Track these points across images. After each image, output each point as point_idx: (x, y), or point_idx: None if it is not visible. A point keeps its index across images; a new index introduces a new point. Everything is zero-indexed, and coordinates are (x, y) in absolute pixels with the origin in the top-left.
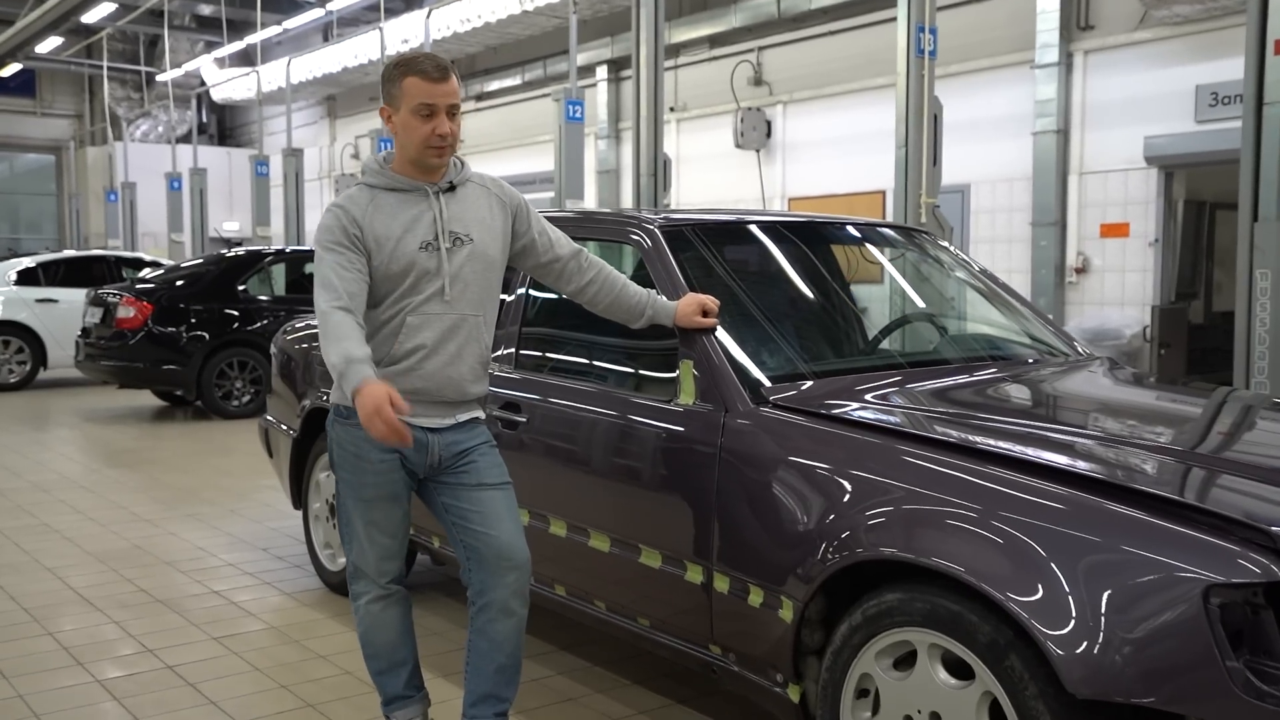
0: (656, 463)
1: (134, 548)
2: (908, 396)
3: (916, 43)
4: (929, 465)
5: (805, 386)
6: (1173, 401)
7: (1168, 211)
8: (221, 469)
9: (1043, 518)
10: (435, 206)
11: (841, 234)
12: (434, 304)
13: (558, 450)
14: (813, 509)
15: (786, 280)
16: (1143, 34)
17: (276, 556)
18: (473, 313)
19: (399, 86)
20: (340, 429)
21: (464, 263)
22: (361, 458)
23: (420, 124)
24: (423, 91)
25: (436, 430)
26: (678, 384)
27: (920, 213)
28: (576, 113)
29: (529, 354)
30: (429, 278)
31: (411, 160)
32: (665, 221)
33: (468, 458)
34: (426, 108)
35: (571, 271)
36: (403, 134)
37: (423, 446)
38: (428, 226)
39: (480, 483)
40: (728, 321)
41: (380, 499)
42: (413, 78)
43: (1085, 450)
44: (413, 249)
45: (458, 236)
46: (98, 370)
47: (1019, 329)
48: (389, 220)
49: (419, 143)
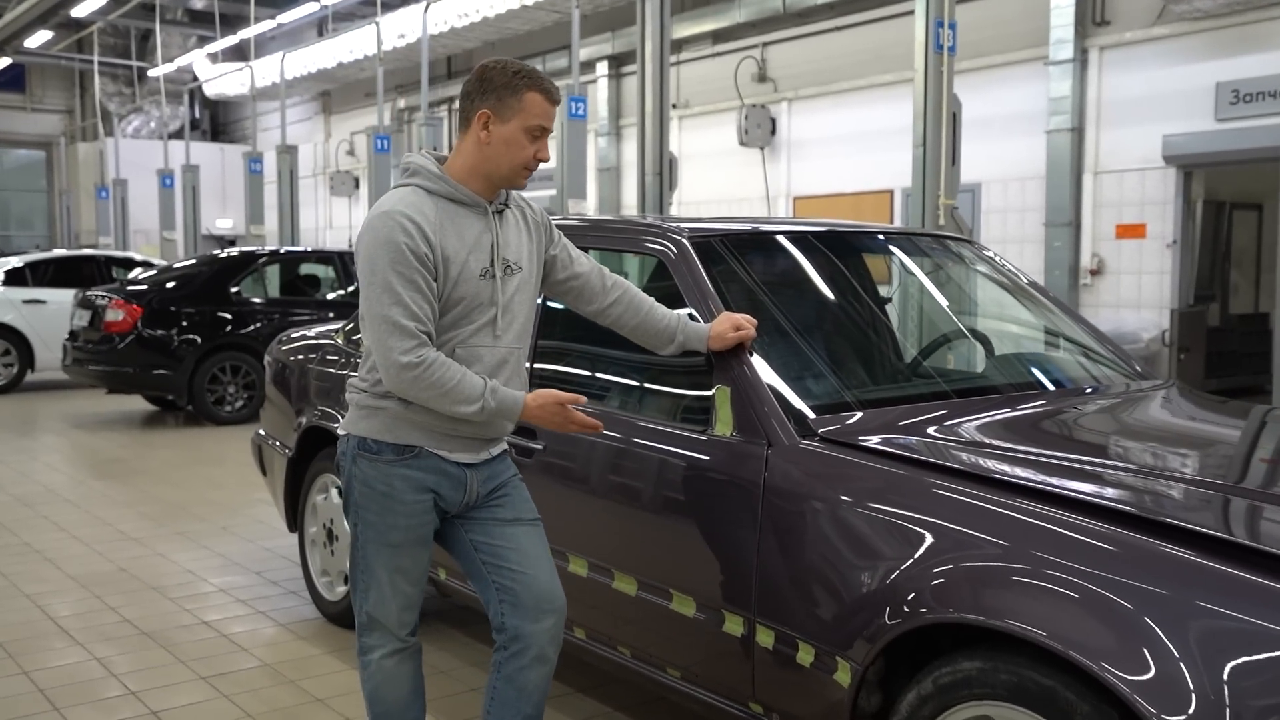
0: (689, 500)
1: (119, 571)
2: (972, 431)
3: (935, 38)
4: (1010, 514)
5: (855, 418)
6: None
7: (1186, 212)
8: (213, 481)
9: (1149, 578)
10: (494, 228)
11: (880, 245)
12: (484, 336)
13: (578, 481)
14: (873, 560)
15: (825, 297)
16: (1160, 29)
17: (270, 581)
18: (518, 346)
19: (519, 99)
20: (367, 466)
21: (515, 292)
22: (393, 498)
23: (528, 144)
24: (544, 112)
25: (473, 465)
26: (713, 412)
27: (939, 214)
28: (579, 110)
29: (545, 371)
30: (481, 308)
31: (498, 176)
32: (693, 231)
33: (501, 491)
34: (541, 130)
35: (593, 290)
36: (500, 148)
37: (459, 483)
38: (487, 251)
39: (516, 518)
40: (766, 344)
41: (409, 543)
42: (536, 94)
43: (1187, 498)
44: (475, 274)
45: (509, 264)
46: (85, 375)
47: (1075, 348)
48: (455, 239)
49: (518, 163)
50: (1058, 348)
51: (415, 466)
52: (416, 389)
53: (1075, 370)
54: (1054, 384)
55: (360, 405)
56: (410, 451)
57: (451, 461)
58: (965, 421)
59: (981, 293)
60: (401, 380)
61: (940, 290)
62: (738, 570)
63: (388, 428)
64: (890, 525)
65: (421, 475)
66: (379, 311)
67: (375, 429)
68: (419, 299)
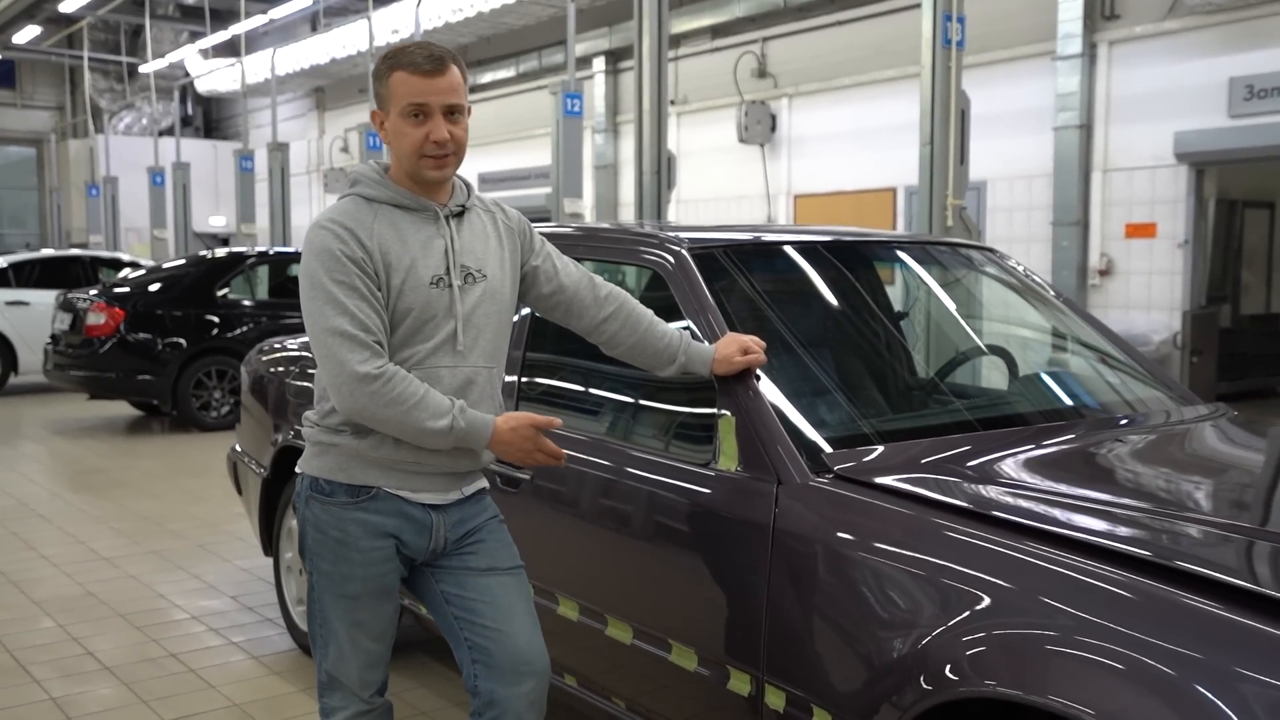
0: (690, 541)
1: (87, 595)
2: (1006, 469)
3: (943, 32)
4: (1056, 569)
5: (875, 454)
6: None
7: (1199, 211)
8: (194, 493)
9: (1213, 651)
10: (445, 233)
11: (895, 255)
12: (444, 355)
13: (569, 516)
14: (901, 618)
15: (838, 314)
16: (1172, 23)
17: (246, 607)
18: (486, 365)
19: (386, 84)
20: (319, 509)
21: (477, 303)
22: (348, 545)
23: (411, 128)
24: (412, 89)
25: (440, 507)
26: (716, 444)
27: (946, 215)
28: (575, 106)
29: (534, 390)
30: (436, 322)
31: (408, 171)
32: (693, 242)
33: (475, 536)
34: (416, 108)
35: (584, 303)
36: (394, 141)
37: (424, 528)
38: (439, 257)
39: (491, 567)
40: (774, 368)
41: (369, 595)
42: (400, 72)
43: (1255, 556)
44: (424, 282)
45: (470, 272)
46: (66, 380)
47: (1110, 369)
48: (397, 245)
49: (411, 152)
50: (1091, 369)
51: (372, 509)
52: (378, 405)
53: (1111, 394)
54: (1089, 410)
55: (313, 441)
56: (366, 493)
57: (415, 503)
58: (998, 458)
59: (1005, 307)
60: (360, 396)
61: (961, 306)
62: (745, 622)
63: (340, 466)
64: (919, 579)
65: (379, 519)
66: (325, 325)
67: (327, 467)
68: (365, 307)
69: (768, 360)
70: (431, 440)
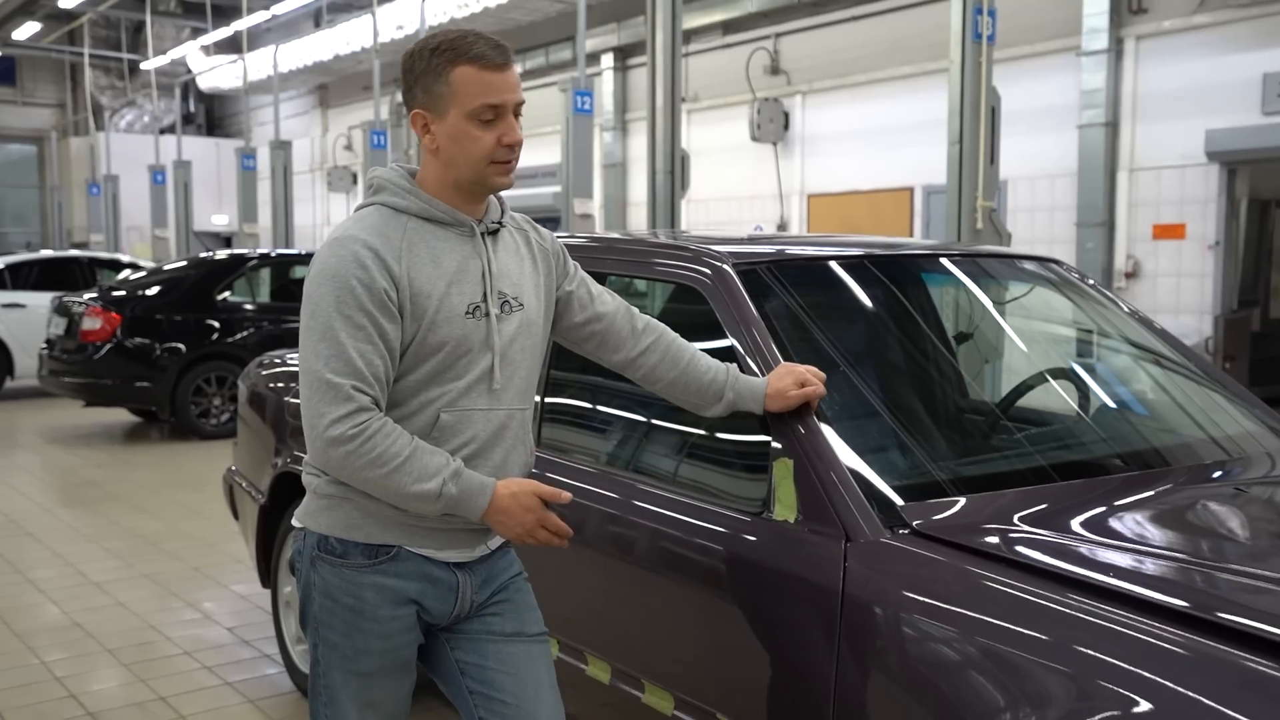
0: (739, 601)
1: (74, 627)
2: (1115, 527)
3: (974, 26)
4: (1196, 656)
5: (957, 506)
6: None
7: (1230, 211)
8: (191, 508)
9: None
10: (483, 253)
11: (959, 270)
12: (478, 395)
13: (598, 567)
14: (1005, 705)
15: (899, 340)
16: (1202, 18)
17: (243, 640)
18: (520, 406)
19: (445, 80)
20: (329, 572)
21: (514, 336)
22: (363, 614)
23: (482, 132)
24: (484, 86)
25: (466, 565)
26: (771, 490)
27: (975, 217)
28: (585, 104)
29: (558, 422)
30: (471, 357)
31: (466, 182)
32: (738, 257)
33: (501, 596)
34: (490, 109)
35: (620, 335)
36: (452, 147)
37: (449, 590)
38: (476, 282)
39: (517, 632)
40: (835, 404)
41: (385, 671)
42: (466, 67)
43: None
44: (458, 313)
45: (507, 299)
46: (61, 387)
47: (1202, 398)
48: (430, 267)
49: (480, 158)
50: (1181, 398)
51: (392, 572)
52: (353, 466)
53: (1208, 430)
54: (1188, 450)
55: (318, 493)
56: (385, 553)
57: (439, 562)
58: (1102, 513)
59: (1075, 327)
60: (330, 459)
61: (1028, 327)
62: (807, 702)
63: (355, 523)
64: (1041, 666)
65: (400, 584)
66: (313, 366)
67: (338, 524)
68: (369, 351)
69: (828, 395)
70: (418, 505)
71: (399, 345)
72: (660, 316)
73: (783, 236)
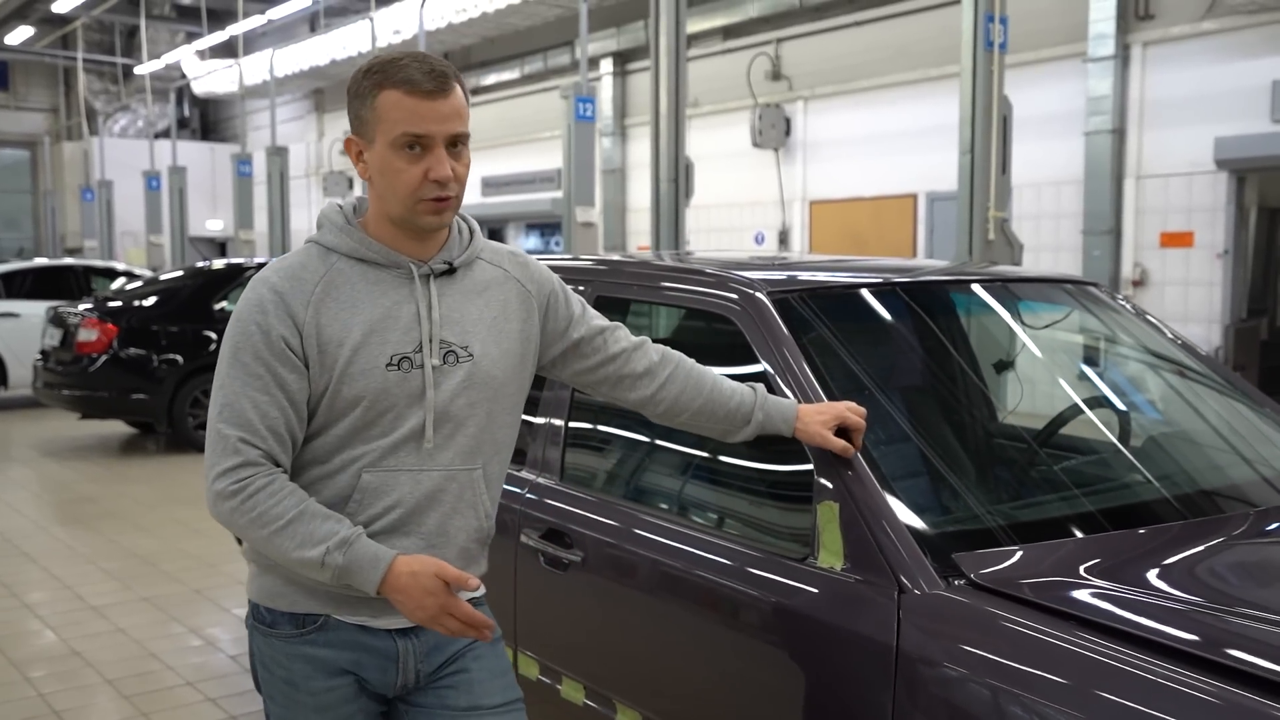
0: (783, 653)
1: (72, 655)
2: (1196, 580)
3: (985, 34)
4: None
5: (1015, 556)
6: None
7: (1239, 219)
8: (190, 525)
9: None
10: (422, 297)
11: (1006, 296)
12: (405, 454)
13: (629, 609)
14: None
15: (946, 374)
16: (1210, 24)
17: (246, 669)
18: (465, 466)
19: (371, 106)
20: (261, 642)
21: (458, 391)
22: (296, 686)
23: (404, 163)
24: (409, 114)
25: (409, 631)
26: (815, 534)
27: (987, 227)
28: (587, 110)
29: (583, 456)
30: (397, 413)
31: (396, 218)
32: (772, 285)
33: (455, 666)
34: (413, 138)
35: (637, 373)
36: (380, 179)
37: (389, 659)
38: (405, 329)
39: (473, 706)
40: (880, 442)
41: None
42: (392, 91)
43: None
44: (377, 365)
45: (451, 349)
46: (57, 399)
47: (1259, 437)
48: (346, 313)
49: (405, 193)
50: (1239, 435)
51: (321, 642)
52: (236, 525)
53: (1261, 470)
54: (1255, 491)
55: (246, 557)
56: (313, 622)
57: (376, 630)
58: (1175, 565)
59: (1121, 356)
60: (218, 514)
61: (1073, 355)
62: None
63: (279, 591)
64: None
65: (331, 654)
66: (210, 413)
67: (265, 592)
68: (264, 403)
69: (870, 432)
70: (306, 571)
71: (305, 396)
72: (676, 343)
73: (806, 261)
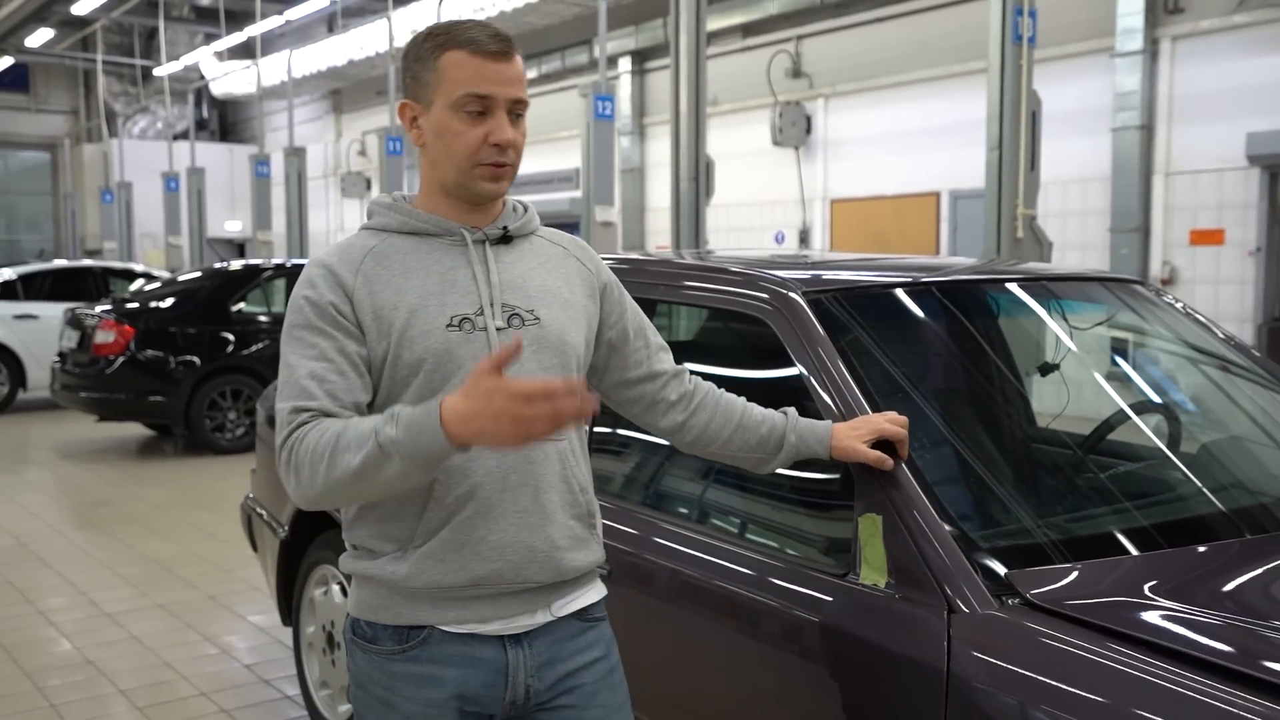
0: (823, 674)
1: (85, 664)
2: (1271, 600)
3: (1014, 27)
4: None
5: (1072, 575)
6: None
7: (1271, 216)
8: (207, 529)
9: None
10: (478, 260)
11: (1051, 297)
12: None
13: (660, 630)
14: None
15: (990, 378)
16: (1241, 17)
17: (263, 680)
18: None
19: (432, 67)
20: (361, 659)
21: (528, 355)
22: (394, 706)
23: (466, 126)
24: (473, 74)
25: (519, 639)
26: (856, 549)
27: (1016, 225)
28: (606, 109)
29: (607, 466)
30: (462, 375)
31: (450, 185)
32: (808, 285)
33: (572, 682)
34: (478, 100)
35: (670, 399)
36: (437, 143)
37: (497, 672)
38: (463, 291)
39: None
40: (925, 453)
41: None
42: (456, 52)
43: None
44: (437, 325)
45: (516, 312)
46: (74, 402)
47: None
48: (399, 279)
49: (464, 155)
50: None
51: (425, 658)
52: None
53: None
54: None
55: (344, 568)
56: (416, 636)
57: (484, 637)
58: (1244, 585)
59: (1178, 361)
60: (291, 489)
61: (1128, 360)
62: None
63: (380, 602)
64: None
65: (436, 670)
66: (280, 393)
67: (364, 605)
68: (320, 369)
69: (914, 443)
70: (383, 482)
71: (363, 360)
72: (702, 345)
73: (833, 259)
